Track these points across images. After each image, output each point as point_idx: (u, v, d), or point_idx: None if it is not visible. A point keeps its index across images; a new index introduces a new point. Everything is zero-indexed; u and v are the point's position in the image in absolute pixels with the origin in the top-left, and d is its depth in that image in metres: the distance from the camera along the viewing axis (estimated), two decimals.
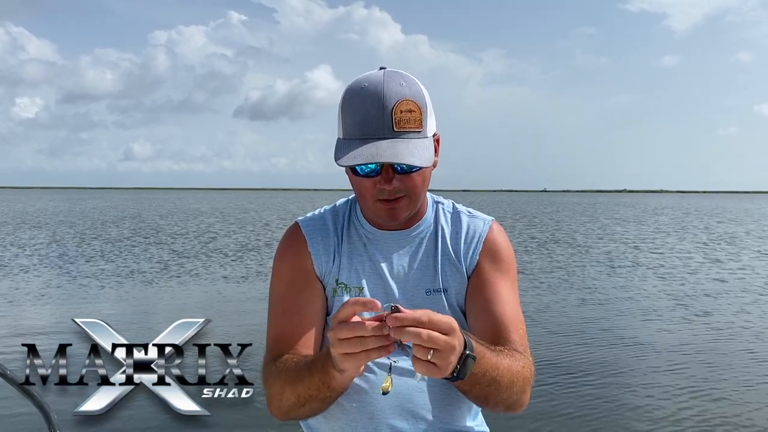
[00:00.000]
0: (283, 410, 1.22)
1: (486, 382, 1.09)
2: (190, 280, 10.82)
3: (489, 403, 1.17)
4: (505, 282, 1.31)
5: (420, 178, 1.23)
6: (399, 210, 1.24)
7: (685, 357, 5.94)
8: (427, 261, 1.33)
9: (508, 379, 1.13)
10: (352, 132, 1.18)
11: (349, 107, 1.19)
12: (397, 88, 1.16)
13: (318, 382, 1.11)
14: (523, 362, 1.19)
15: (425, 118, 1.19)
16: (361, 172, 1.22)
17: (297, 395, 1.16)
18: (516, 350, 1.21)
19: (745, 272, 12.14)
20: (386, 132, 1.15)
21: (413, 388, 1.26)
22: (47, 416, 1.52)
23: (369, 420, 1.24)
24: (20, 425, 4.11)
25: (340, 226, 1.36)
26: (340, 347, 0.96)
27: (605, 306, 8.61)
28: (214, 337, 2.09)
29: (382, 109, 1.15)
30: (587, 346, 6.33)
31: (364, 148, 1.14)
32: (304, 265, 1.32)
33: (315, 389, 1.12)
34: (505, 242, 1.37)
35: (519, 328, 1.26)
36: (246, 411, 2.94)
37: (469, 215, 1.38)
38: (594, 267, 12.72)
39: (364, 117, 1.16)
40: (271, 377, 1.22)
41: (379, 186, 1.21)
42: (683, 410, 4.53)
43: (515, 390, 1.16)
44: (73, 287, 10.04)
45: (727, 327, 7.28)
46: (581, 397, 4.76)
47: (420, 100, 1.19)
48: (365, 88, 1.17)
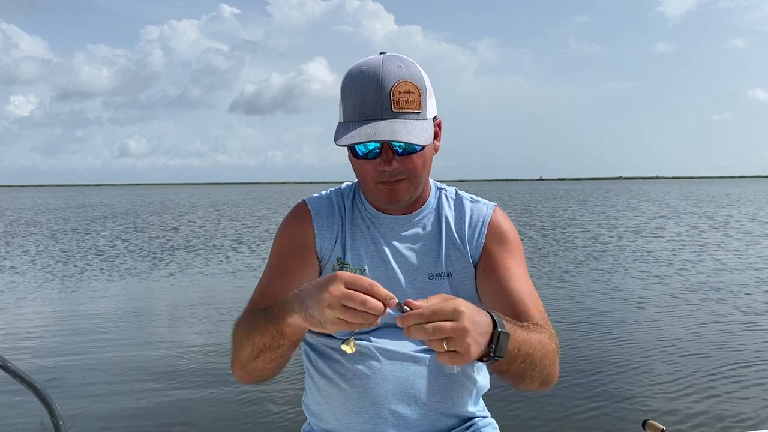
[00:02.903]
0: (241, 363, 1.20)
1: (521, 357, 1.08)
2: (183, 276, 10.81)
3: (525, 380, 1.14)
4: (515, 261, 1.32)
5: (420, 160, 1.24)
6: (399, 192, 1.24)
7: (684, 344, 5.98)
8: (431, 245, 1.34)
9: (540, 352, 1.12)
10: (351, 115, 1.19)
11: (349, 90, 1.19)
12: (395, 70, 1.17)
13: (273, 330, 1.09)
14: (549, 334, 1.19)
15: (424, 100, 1.20)
16: (360, 154, 1.22)
17: (252, 345, 1.15)
18: (538, 324, 1.21)
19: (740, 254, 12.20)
20: (384, 113, 1.16)
21: (415, 374, 1.26)
22: (50, 408, 1.52)
23: (371, 405, 1.25)
24: (23, 418, 4.13)
25: (346, 208, 1.37)
26: (339, 312, 0.93)
27: (605, 294, 8.65)
28: None
29: (380, 91, 1.15)
30: (584, 333, 6.36)
31: (363, 128, 1.15)
32: (306, 238, 1.33)
33: (269, 337, 1.11)
34: (510, 225, 1.37)
35: (537, 303, 1.27)
36: None
37: (472, 200, 1.39)
38: (586, 253, 12.77)
39: (362, 99, 1.17)
40: (235, 330, 1.22)
41: (379, 168, 1.21)
42: (684, 395, 4.57)
43: (547, 363, 1.15)
44: (64, 284, 10.04)
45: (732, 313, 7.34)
46: (579, 384, 4.79)
47: (419, 82, 1.19)
48: (364, 71, 1.18)
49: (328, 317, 0.94)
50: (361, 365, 1.26)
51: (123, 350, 5.94)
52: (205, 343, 6.11)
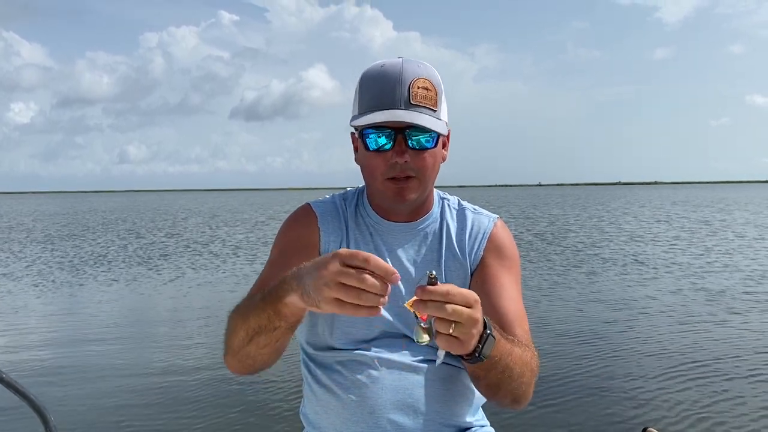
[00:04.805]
0: (234, 350, 1.17)
1: (501, 367, 1.09)
2: (183, 282, 10.79)
3: (500, 392, 1.15)
4: (509, 278, 1.32)
5: (431, 160, 1.25)
6: (407, 190, 1.24)
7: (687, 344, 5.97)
8: (431, 255, 1.34)
9: (519, 368, 1.13)
10: (368, 105, 1.21)
11: (368, 83, 1.22)
12: (414, 68, 1.21)
13: (269, 310, 1.05)
14: (531, 354, 1.20)
15: (440, 102, 1.23)
16: (373, 147, 1.23)
17: (247, 327, 1.11)
18: (522, 342, 1.22)
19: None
20: (403, 104, 1.18)
21: (414, 384, 1.26)
22: (45, 420, 1.51)
23: (369, 415, 1.24)
24: (17, 429, 4.09)
25: (349, 213, 1.37)
26: (336, 290, 0.89)
27: (605, 302, 8.64)
28: None
29: (399, 84, 1.19)
30: (582, 340, 6.35)
31: (381, 113, 1.18)
32: (311, 238, 1.33)
33: (265, 318, 1.06)
34: (510, 240, 1.38)
35: (523, 323, 1.27)
36: None
37: (474, 212, 1.40)
38: (592, 261, 12.77)
39: (381, 90, 1.19)
40: (230, 317, 1.19)
41: (390, 161, 1.21)
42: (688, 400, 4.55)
43: (524, 380, 1.16)
44: (63, 289, 10.01)
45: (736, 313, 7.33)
46: (579, 389, 4.77)
47: (436, 84, 1.23)
48: (384, 66, 1.22)
49: (325, 296, 0.90)
50: (359, 374, 1.26)
51: (120, 360, 5.89)
52: (205, 353, 6.05)
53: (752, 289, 9.08)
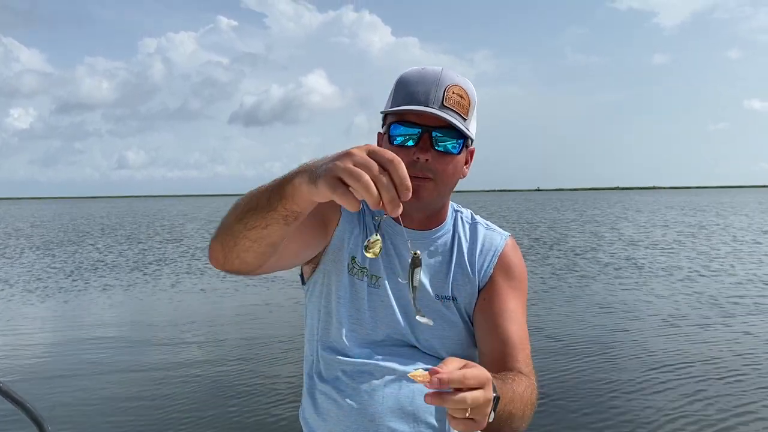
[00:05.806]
0: (222, 227, 1.08)
1: (504, 417, 1.08)
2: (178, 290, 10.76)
3: (500, 429, 1.13)
4: (515, 299, 1.32)
5: (452, 166, 1.24)
6: (423, 190, 1.23)
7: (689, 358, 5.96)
8: (440, 267, 1.34)
9: (521, 410, 1.13)
10: (402, 100, 1.22)
11: (405, 82, 1.23)
12: (453, 76, 1.22)
13: (274, 188, 0.98)
14: (529, 386, 1.19)
15: (471, 114, 1.24)
16: (398, 141, 1.22)
17: (245, 205, 1.03)
18: (521, 372, 1.22)
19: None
20: (436, 105, 1.19)
21: (414, 392, 1.25)
22: (42, 429, 1.49)
23: (369, 422, 1.23)
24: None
25: (368, 210, 1.37)
26: (347, 174, 0.83)
27: (606, 309, 8.63)
28: None
29: (436, 86, 1.20)
30: (584, 353, 6.33)
31: (412, 107, 1.19)
32: (332, 215, 1.31)
33: (266, 196, 0.99)
34: (519, 259, 1.39)
35: (525, 347, 1.28)
36: None
37: (487, 227, 1.40)
38: (589, 267, 12.76)
39: (416, 88, 1.21)
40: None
41: (413, 157, 1.20)
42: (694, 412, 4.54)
43: (525, 417, 1.16)
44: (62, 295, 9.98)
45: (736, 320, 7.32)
46: (580, 404, 4.76)
47: (471, 96, 1.24)
48: (424, 70, 1.24)
49: (332, 173, 0.84)
50: (361, 382, 1.25)
51: (117, 368, 5.86)
52: (204, 359, 6.04)
53: (747, 293, 9.08)
